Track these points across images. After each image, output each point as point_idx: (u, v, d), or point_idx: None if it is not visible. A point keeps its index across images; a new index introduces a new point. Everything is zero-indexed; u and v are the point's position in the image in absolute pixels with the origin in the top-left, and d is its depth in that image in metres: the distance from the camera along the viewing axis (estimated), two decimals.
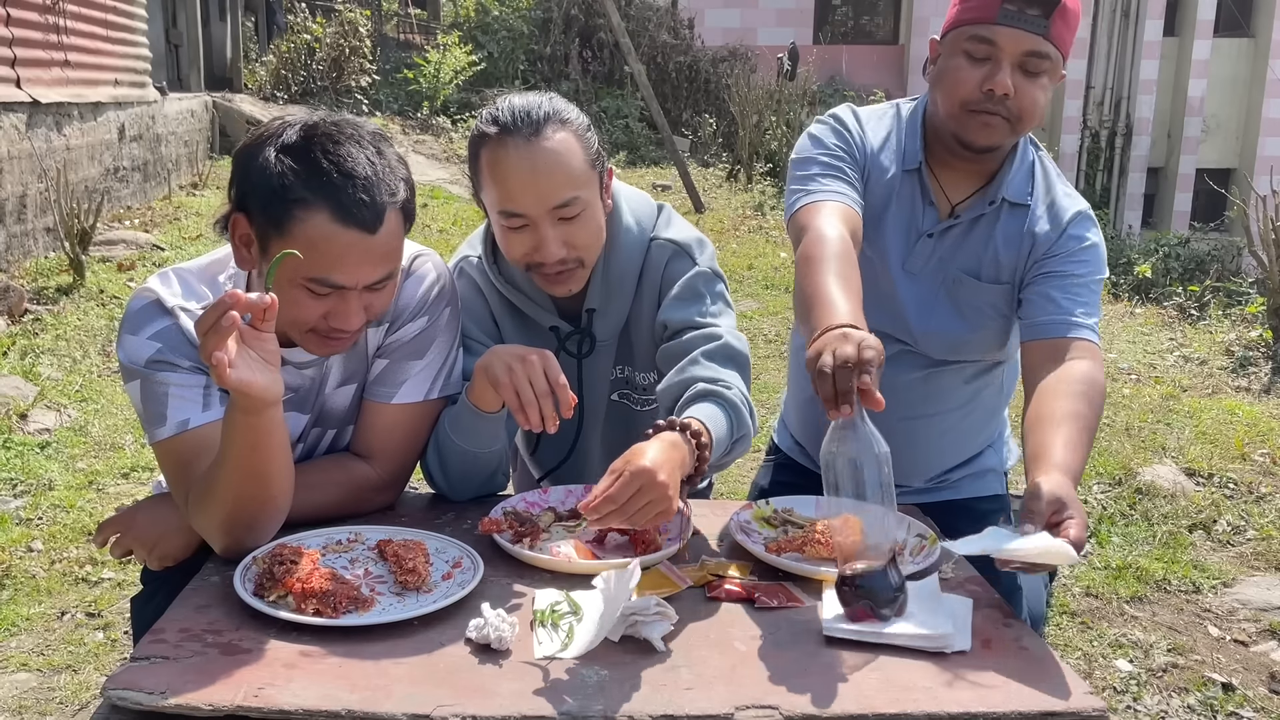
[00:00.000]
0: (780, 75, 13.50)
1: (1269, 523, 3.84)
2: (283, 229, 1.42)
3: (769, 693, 1.18)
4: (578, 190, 1.63)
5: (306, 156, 1.42)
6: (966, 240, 1.87)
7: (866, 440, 1.30)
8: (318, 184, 1.41)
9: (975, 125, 1.76)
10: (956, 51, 1.75)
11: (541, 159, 1.60)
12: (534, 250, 1.65)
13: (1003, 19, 1.70)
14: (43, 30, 6.27)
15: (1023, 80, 1.72)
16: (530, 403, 1.51)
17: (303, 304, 1.47)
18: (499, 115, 1.63)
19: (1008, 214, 1.85)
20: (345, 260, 1.44)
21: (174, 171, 8.49)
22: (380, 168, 1.46)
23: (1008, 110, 1.73)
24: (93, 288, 5.70)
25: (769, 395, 5.15)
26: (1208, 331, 6.59)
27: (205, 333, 1.27)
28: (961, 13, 1.76)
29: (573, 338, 1.81)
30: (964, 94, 1.74)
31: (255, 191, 1.44)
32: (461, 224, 8.52)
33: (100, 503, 3.66)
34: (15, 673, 2.71)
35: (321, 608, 1.29)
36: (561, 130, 1.63)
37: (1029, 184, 1.86)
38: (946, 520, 1.89)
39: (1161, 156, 16.23)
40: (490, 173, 1.64)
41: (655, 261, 1.79)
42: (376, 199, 1.44)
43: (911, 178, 1.88)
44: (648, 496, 1.38)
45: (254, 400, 1.34)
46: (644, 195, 1.85)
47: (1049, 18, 1.69)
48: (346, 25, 11.98)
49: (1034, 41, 1.71)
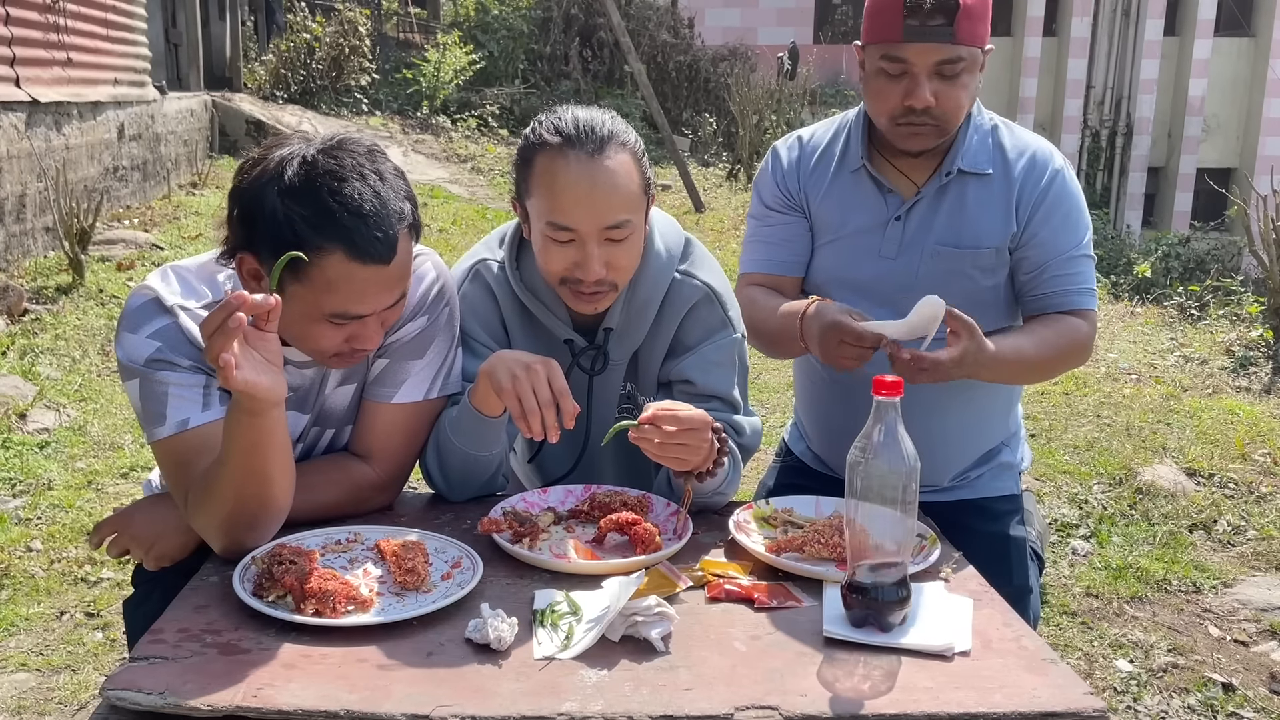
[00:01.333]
0: (780, 74, 13.51)
1: (1269, 523, 3.84)
2: (299, 274, 1.42)
3: (769, 693, 1.18)
4: (630, 213, 1.63)
5: (314, 200, 1.40)
6: (936, 214, 1.91)
7: (899, 449, 1.29)
8: (331, 229, 1.40)
9: (904, 135, 1.84)
10: (875, 68, 1.82)
11: (602, 177, 1.60)
12: (575, 266, 1.63)
13: (908, 36, 1.75)
14: (42, 29, 6.27)
15: (942, 85, 1.78)
16: (532, 411, 1.51)
17: (326, 336, 1.49)
18: (562, 126, 1.62)
19: (976, 183, 1.90)
20: (365, 294, 1.45)
21: (173, 171, 8.49)
22: (385, 195, 1.44)
23: (932, 117, 1.80)
24: (92, 287, 5.70)
25: (769, 395, 5.15)
26: (1208, 331, 6.59)
27: (212, 334, 1.27)
28: (870, 32, 1.82)
29: (586, 353, 1.80)
30: (888, 110, 1.82)
31: (264, 238, 1.42)
32: (461, 224, 8.52)
33: (99, 502, 3.66)
34: (14, 673, 2.71)
35: (321, 608, 1.29)
36: (622, 151, 1.63)
37: (987, 152, 1.91)
38: (962, 519, 1.90)
39: (1162, 156, 16.23)
40: (545, 181, 1.62)
41: (683, 297, 1.77)
42: (389, 232, 1.43)
43: (860, 174, 1.95)
44: (693, 440, 1.51)
45: (258, 401, 1.34)
46: (673, 222, 1.84)
47: (953, 23, 1.73)
48: (346, 24, 11.97)
49: (943, 50, 1.75)
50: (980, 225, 1.88)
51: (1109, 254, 10.56)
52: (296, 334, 1.50)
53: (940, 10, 1.71)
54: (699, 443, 1.52)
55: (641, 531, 1.52)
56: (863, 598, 1.31)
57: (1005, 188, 1.89)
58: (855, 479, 1.30)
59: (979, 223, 1.89)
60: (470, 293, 1.80)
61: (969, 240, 1.89)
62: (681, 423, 1.51)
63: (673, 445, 1.51)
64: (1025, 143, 1.93)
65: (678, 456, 1.53)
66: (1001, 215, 1.89)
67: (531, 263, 1.75)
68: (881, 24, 1.77)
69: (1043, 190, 1.88)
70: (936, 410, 1.95)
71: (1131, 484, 4.09)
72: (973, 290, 1.89)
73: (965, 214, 1.89)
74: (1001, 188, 1.89)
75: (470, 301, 1.79)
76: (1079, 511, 3.89)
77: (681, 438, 1.51)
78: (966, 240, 1.89)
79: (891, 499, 1.28)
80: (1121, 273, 9.06)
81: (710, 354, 1.76)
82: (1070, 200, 1.90)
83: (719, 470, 1.61)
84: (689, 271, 1.79)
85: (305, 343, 1.51)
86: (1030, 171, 1.89)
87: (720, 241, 8.65)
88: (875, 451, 1.28)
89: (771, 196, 2.04)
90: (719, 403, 1.75)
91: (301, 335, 1.50)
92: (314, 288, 1.42)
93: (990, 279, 1.91)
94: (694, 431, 1.51)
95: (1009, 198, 1.89)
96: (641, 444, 1.52)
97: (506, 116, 12.91)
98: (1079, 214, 1.91)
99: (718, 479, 1.65)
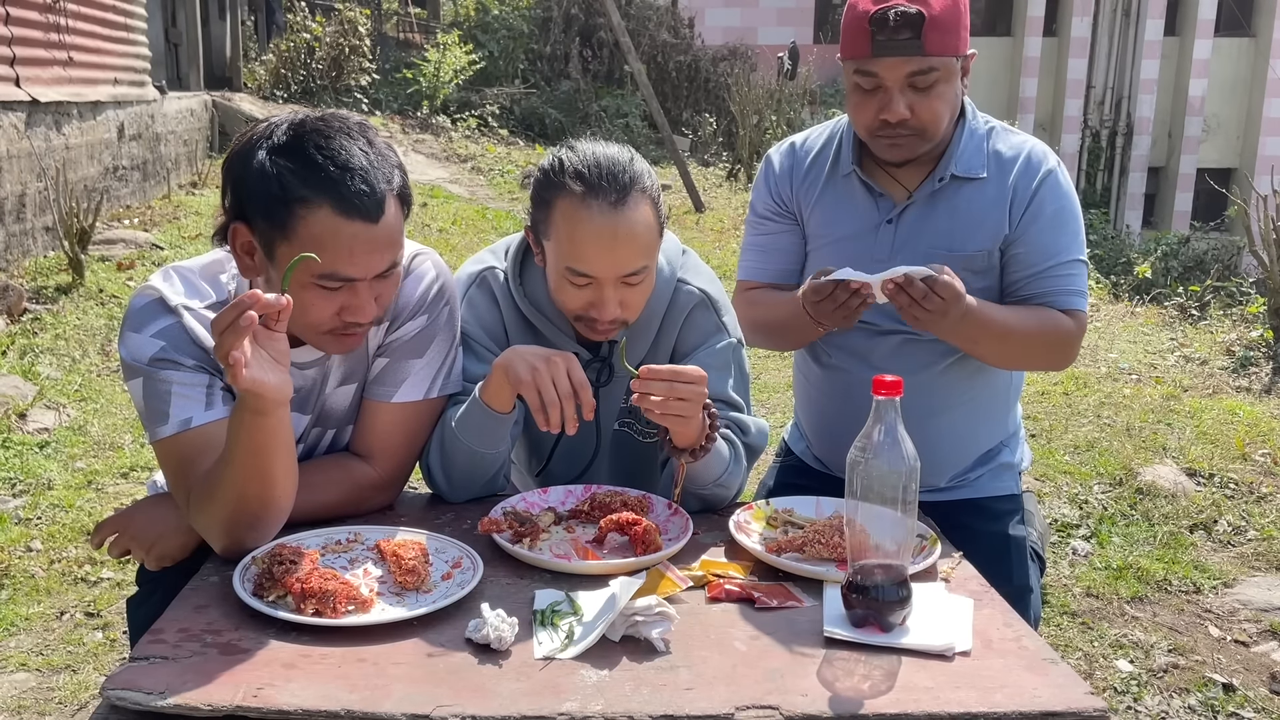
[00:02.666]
0: (780, 74, 13.50)
1: (1270, 523, 3.83)
2: (287, 230, 1.42)
3: (769, 693, 1.18)
4: (648, 260, 1.66)
5: (301, 155, 1.42)
6: (928, 218, 1.92)
7: (899, 449, 1.29)
8: (316, 180, 1.41)
9: (884, 147, 1.86)
10: (851, 85, 1.84)
11: (623, 229, 1.61)
12: (590, 306, 1.66)
13: (877, 51, 1.76)
14: (42, 29, 6.27)
15: (916, 97, 1.79)
16: (552, 403, 1.52)
17: (316, 305, 1.48)
18: (584, 172, 1.62)
19: (970, 187, 1.90)
20: (354, 252, 1.44)
21: (173, 171, 8.49)
22: (374, 157, 1.47)
23: (910, 129, 1.80)
24: (92, 287, 5.69)
25: (769, 396, 5.15)
26: (1208, 331, 6.59)
27: (223, 331, 1.27)
28: (844, 47, 1.83)
29: (592, 365, 1.82)
30: (866, 123, 1.84)
31: (253, 197, 1.44)
32: (461, 224, 8.51)
33: (99, 502, 3.66)
34: (14, 673, 2.71)
35: (321, 608, 1.29)
36: (643, 199, 1.64)
37: (982, 157, 1.91)
38: (963, 518, 1.90)
39: (1162, 156, 16.23)
40: (565, 229, 1.63)
41: (680, 305, 1.81)
42: (376, 188, 1.44)
43: (851, 179, 1.96)
44: (691, 394, 1.52)
45: (264, 400, 1.34)
46: (672, 236, 1.86)
47: (920, 35, 1.73)
48: (346, 24, 11.97)
49: (913, 63, 1.76)
50: (973, 229, 1.89)
51: (1109, 254, 10.57)
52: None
53: (905, 24, 1.72)
54: (697, 398, 1.53)
55: (642, 531, 1.52)
56: (863, 598, 1.31)
57: (999, 191, 1.89)
58: (855, 479, 1.30)
59: (972, 227, 1.89)
60: (475, 298, 1.82)
61: (961, 244, 1.89)
62: (680, 375, 1.52)
63: (673, 402, 1.52)
64: (1020, 145, 1.94)
65: (677, 414, 1.53)
66: (995, 218, 1.89)
67: (535, 277, 1.80)
68: (852, 40, 1.79)
69: (1034, 190, 1.89)
70: (936, 410, 1.95)
71: (1132, 484, 4.09)
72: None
73: (958, 218, 1.90)
74: (996, 191, 1.90)
75: (475, 308, 1.81)
76: (1079, 512, 3.89)
77: (681, 392, 1.52)
78: (959, 244, 1.89)
79: (891, 499, 1.28)
80: (1121, 273, 9.05)
81: (705, 358, 1.78)
82: (1061, 200, 1.90)
83: (711, 447, 1.62)
84: (684, 279, 1.83)
85: (300, 319, 1.48)
86: (1024, 173, 1.90)
87: (720, 242, 8.65)
88: (875, 451, 1.29)
89: (764, 205, 2.07)
90: (720, 404, 1.76)
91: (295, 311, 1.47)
92: (302, 246, 1.42)
93: (982, 281, 1.91)
94: (692, 386, 1.52)
95: (1003, 200, 1.89)
96: (643, 402, 1.53)
97: (506, 116, 12.92)
98: (1070, 215, 1.91)
99: (714, 467, 1.66)
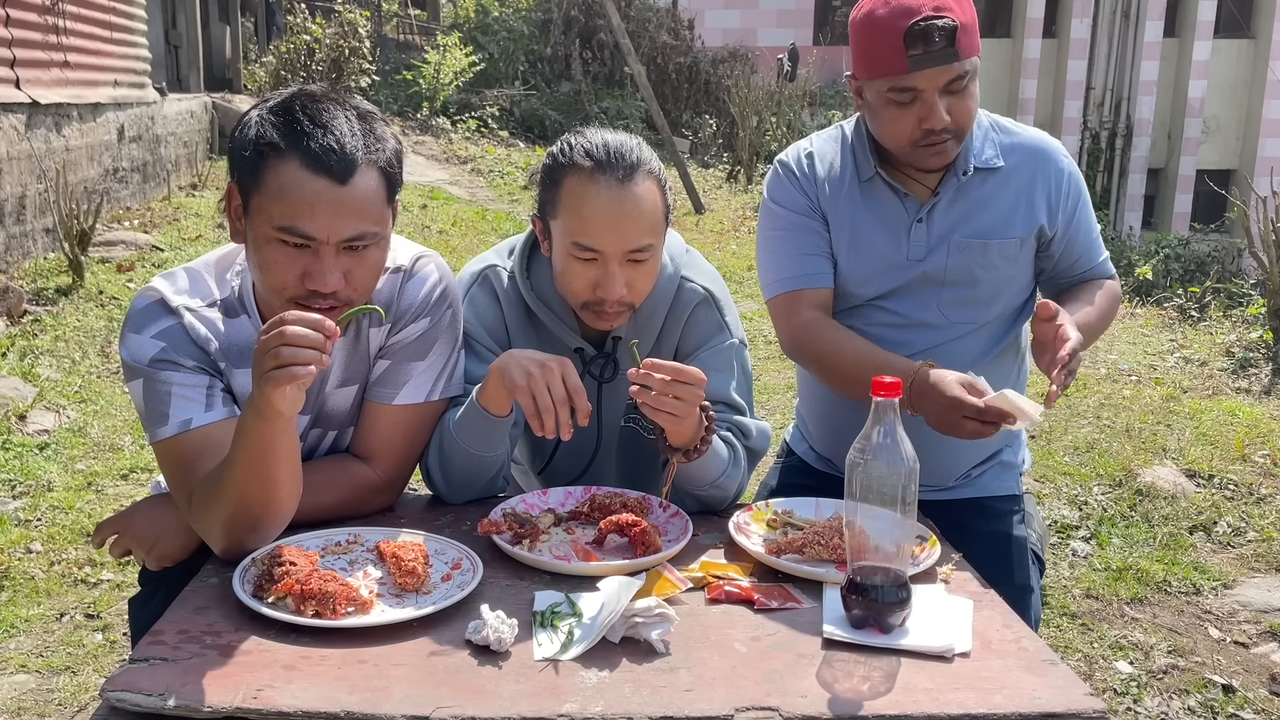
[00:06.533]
0: (780, 76, 13.52)
1: (1269, 524, 3.84)
2: (258, 178, 1.46)
3: (769, 694, 1.18)
4: (653, 238, 1.69)
5: (286, 111, 1.47)
6: (959, 211, 1.93)
7: (898, 450, 1.29)
8: (289, 132, 1.45)
9: (927, 155, 1.84)
10: (883, 101, 1.82)
11: (630, 203, 1.65)
12: (597, 286, 1.68)
13: (914, 65, 1.75)
14: (42, 31, 6.27)
15: (953, 100, 1.79)
16: (547, 409, 1.52)
17: (279, 263, 1.47)
18: (593, 150, 1.68)
19: (990, 177, 1.93)
20: (315, 209, 1.44)
21: (173, 172, 8.49)
22: (358, 126, 1.49)
23: (950, 132, 1.81)
24: (92, 289, 5.70)
25: (769, 396, 5.15)
26: (1208, 333, 6.59)
27: (303, 345, 1.30)
28: (870, 68, 1.82)
29: (597, 361, 1.83)
30: (906, 135, 1.82)
31: (237, 147, 1.49)
32: (461, 225, 8.52)
33: (99, 504, 3.66)
34: (14, 674, 2.71)
35: (320, 609, 1.29)
36: (649, 179, 1.69)
37: (994, 147, 1.95)
38: (963, 518, 1.90)
39: (1162, 157, 16.23)
40: (573, 203, 1.67)
41: (684, 301, 1.83)
42: (347, 148, 1.46)
43: (875, 183, 1.95)
44: (687, 394, 1.52)
45: (275, 409, 1.35)
46: (675, 235, 1.88)
47: (954, 43, 1.74)
48: (346, 26, 11.97)
49: (950, 70, 1.76)
50: (1007, 218, 1.93)
51: (1109, 255, 10.55)
52: (258, 263, 1.49)
53: (940, 35, 1.72)
54: (693, 399, 1.53)
55: (641, 533, 1.52)
56: (863, 599, 1.31)
57: (1025, 180, 1.94)
58: (854, 480, 1.30)
59: (1005, 215, 1.93)
60: (477, 296, 1.83)
61: (991, 231, 1.92)
62: (681, 374, 1.52)
63: (668, 399, 1.51)
64: (1025, 134, 1.99)
65: (670, 412, 1.52)
66: (1019, 205, 1.93)
67: (541, 272, 1.81)
68: (883, 59, 1.77)
69: (1067, 181, 1.97)
70: None
71: (1131, 485, 4.09)
72: (998, 279, 1.94)
73: (985, 207, 1.93)
74: (1020, 180, 1.94)
75: (476, 306, 1.82)
76: (1079, 513, 3.89)
77: (678, 390, 1.51)
78: (996, 232, 1.92)
79: (891, 500, 1.29)
80: (1122, 274, 9.02)
81: (707, 359, 1.79)
82: (1078, 179, 2.01)
83: (706, 448, 1.62)
84: (688, 276, 1.84)
85: (264, 280, 1.50)
86: (1048, 163, 1.96)
87: (720, 243, 8.66)
88: (874, 452, 1.29)
89: (794, 203, 1.98)
90: (721, 406, 1.77)
91: (261, 267, 1.49)
92: (268, 195, 1.45)
93: (1013, 267, 1.95)
94: (690, 387, 1.52)
95: (1026, 187, 1.94)
96: (639, 395, 1.53)
97: (506, 118, 12.93)
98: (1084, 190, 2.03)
99: (711, 468, 1.66)
